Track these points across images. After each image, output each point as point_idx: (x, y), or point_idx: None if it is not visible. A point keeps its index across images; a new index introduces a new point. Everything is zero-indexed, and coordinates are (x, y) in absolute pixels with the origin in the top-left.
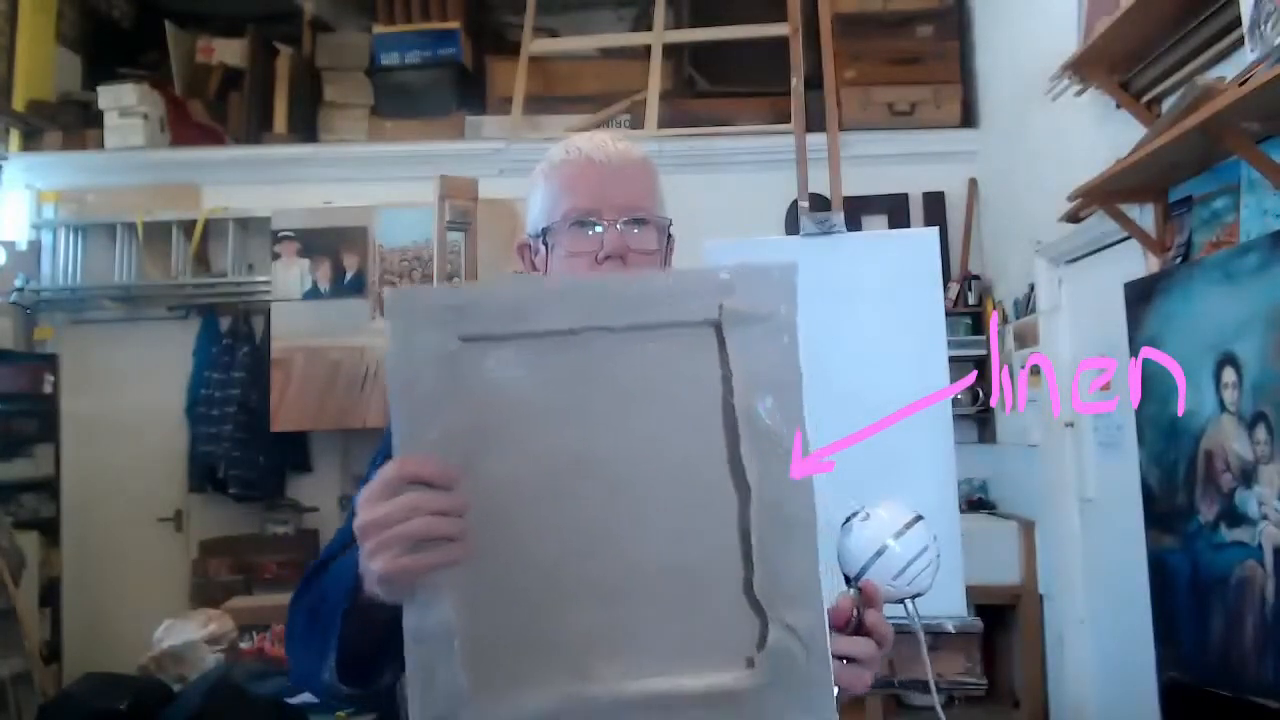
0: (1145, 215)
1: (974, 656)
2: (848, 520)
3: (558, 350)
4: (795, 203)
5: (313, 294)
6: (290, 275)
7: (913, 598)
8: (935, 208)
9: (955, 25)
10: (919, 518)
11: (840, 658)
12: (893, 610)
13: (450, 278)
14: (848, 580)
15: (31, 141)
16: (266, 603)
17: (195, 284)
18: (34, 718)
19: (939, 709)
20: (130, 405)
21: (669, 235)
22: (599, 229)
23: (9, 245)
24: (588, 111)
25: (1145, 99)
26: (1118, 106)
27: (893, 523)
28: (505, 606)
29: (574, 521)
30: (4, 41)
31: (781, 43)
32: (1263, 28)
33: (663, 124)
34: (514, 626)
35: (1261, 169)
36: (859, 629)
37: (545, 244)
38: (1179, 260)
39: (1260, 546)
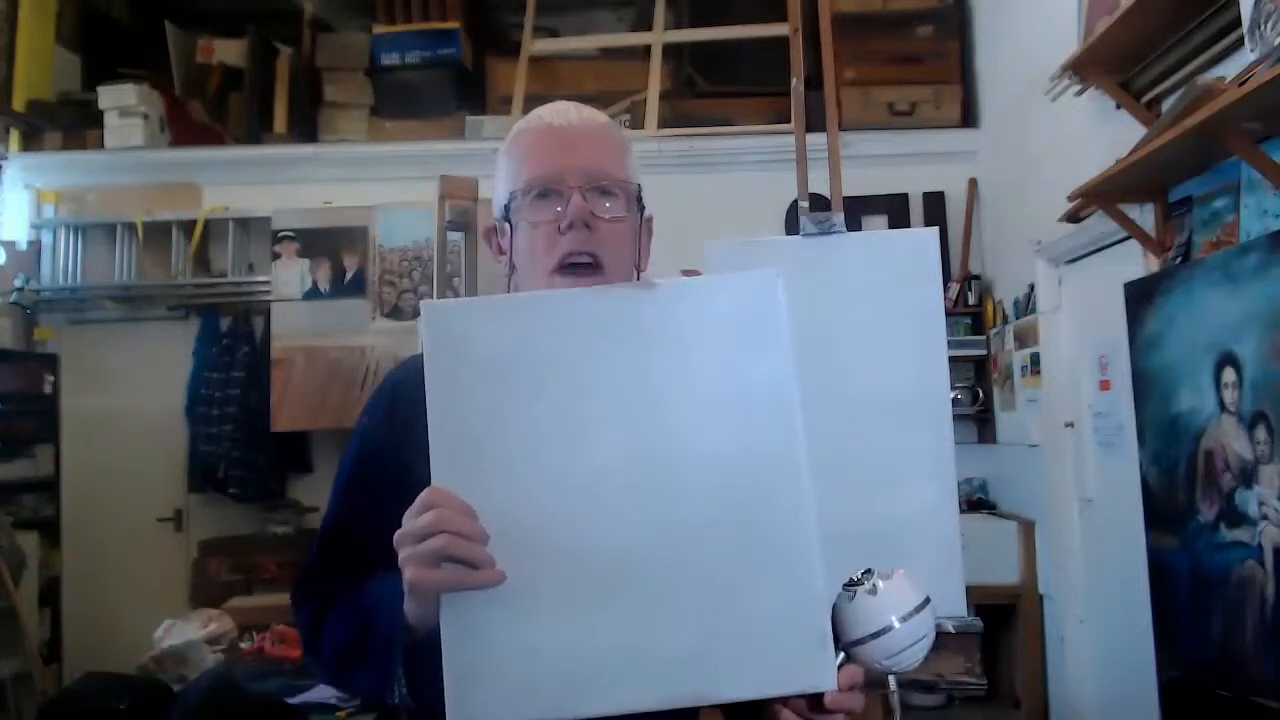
0: (1145, 215)
1: (974, 656)
2: (852, 585)
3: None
4: (795, 203)
5: (313, 294)
6: (290, 275)
7: (895, 674)
8: (935, 208)
9: (955, 25)
10: (928, 600)
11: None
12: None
13: (450, 278)
14: (835, 642)
15: (31, 141)
16: (266, 603)
17: (195, 284)
18: (34, 718)
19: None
20: (130, 405)
21: (640, 203)
22: (562, 197)
23: (9, 245)
24: None
25: (1145, 99)
26: (1118, 106)
27: (903, 603)
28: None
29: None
30: (4, 41)
31: (781, 43)
32: (1263, 28)
33: (663, 124)
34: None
35: (1261, 169)
36: (816, 703)
37: (509, 221)
38: (1179, 260)
39: (1260, 546)
